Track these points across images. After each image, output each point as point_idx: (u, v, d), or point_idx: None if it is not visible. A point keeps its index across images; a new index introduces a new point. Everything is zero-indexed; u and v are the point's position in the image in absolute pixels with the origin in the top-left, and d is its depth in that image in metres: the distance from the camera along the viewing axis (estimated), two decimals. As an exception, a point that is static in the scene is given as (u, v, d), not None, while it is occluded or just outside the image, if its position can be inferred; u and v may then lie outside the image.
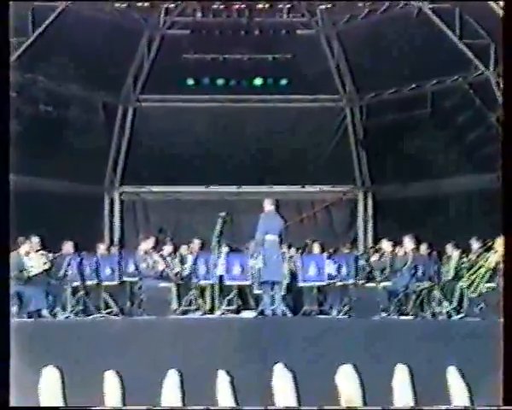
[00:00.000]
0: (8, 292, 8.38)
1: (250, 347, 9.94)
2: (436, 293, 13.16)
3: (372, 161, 19.23)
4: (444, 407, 9.58)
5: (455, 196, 17.27)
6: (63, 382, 9.65)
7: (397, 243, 13.88)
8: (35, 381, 9.56)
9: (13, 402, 8.41)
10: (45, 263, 13.09)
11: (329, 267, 13.72)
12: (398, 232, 14.33)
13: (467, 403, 9.71)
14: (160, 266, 13.71)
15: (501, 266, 12.59)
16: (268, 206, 12.51)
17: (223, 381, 9.67)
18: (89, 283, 13.58)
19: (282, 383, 9.68)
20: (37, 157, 16.19)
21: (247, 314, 12.44)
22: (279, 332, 10.43)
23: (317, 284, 13.83)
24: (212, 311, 12.86)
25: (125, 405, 9.61)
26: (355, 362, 9.75)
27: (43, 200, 16.34)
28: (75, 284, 13.26)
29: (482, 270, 12.88)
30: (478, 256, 13.44)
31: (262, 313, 12.31)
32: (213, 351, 9.84)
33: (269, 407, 9.57)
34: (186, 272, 13.96)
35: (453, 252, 14.39)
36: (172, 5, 17.97)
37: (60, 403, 9.56)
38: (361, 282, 13.95)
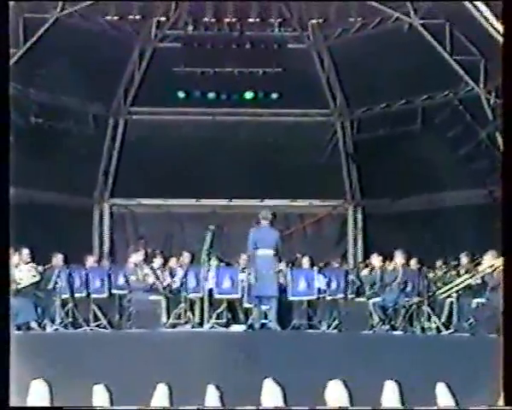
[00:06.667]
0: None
1: (239, 361, 9.90)
2: (425, 308, 13.17)
3: (362, 175, 19.25)
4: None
5: (445, 210, 17.29)
6: (52, 395, 9.61)
7: (387, 257, 13.90)
8: (23, 394, 9.51)
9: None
10: (35, 275, 13.06)
11: (319, 282, 13.74)
12: (388, 247, 14.36)
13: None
14: (150, 279, 13.68)
15: (489, 281, 12.68)
16: (261, 220, 12.56)
17: (212, 395, 9.64)
18: (78, 295, 13.57)
19: (272, 398, 9.65)
20: (26, 169, 16.10)
21: (237, 328, 12.43)
22: (268, 346, 10.40)
23: (307, 298, 13.85)
24: (201, 324, 12.84)
25: (113, 418, 9.59)
26: (344, 377, 9.73)
27: (33, 212, 16.26)
28: (64, 296, 13.24)
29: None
30: (466, 271, 13.50)
31: (251, 326, 12.30)
32: (203, 365, 9.80)
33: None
34: (176, 285, 13.93)
35: (442, 266, 14.48)
36: (164, 18, 17.97)
37: (48, 416, 9.54)
38: (351, 296, 13.95)
